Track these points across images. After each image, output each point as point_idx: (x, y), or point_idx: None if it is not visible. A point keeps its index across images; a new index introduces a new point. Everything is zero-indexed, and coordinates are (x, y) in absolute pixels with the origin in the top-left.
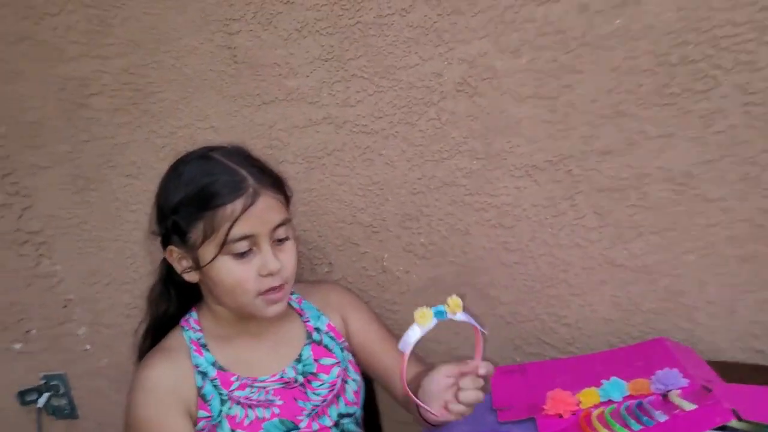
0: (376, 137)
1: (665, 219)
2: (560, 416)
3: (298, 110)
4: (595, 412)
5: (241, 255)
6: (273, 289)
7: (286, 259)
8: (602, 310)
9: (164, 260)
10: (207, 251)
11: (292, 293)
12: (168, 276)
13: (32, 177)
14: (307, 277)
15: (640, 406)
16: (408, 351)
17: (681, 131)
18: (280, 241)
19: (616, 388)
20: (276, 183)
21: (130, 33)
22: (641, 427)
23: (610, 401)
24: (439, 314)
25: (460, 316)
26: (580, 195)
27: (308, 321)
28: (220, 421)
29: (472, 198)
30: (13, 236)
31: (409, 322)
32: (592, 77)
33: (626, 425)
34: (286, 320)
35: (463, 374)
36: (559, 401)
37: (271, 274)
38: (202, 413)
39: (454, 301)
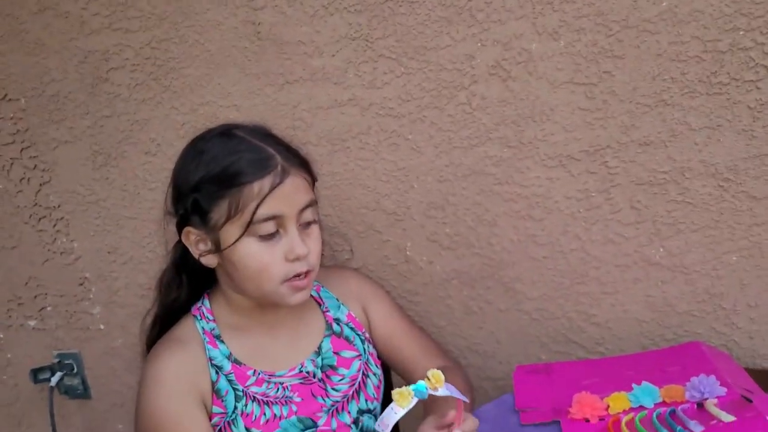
0: (403, 121)
1: (707, 216)
2: (587, 421)
3: (323, 91)
4: (625, 419)
5: (267, 237)
6: (299, 276)
7: (313, 244)
8: (635, 310)
9: (178, 243)
10: (230, 232)
11: None
12: (181, 260)
13: (52, 152)
14: (327, 264)
15: (673, 414)
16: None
17: (728, 123)
18: (307, 224)
19: (648, 394)
20: (303, 163)
21: (153, 6)
22: None
23: (641, 407)
24: (419, 393)
25: (442, 390)
26: (617, 188)
27: (328, 311)
28: (234, 419)
29: (501, 188)
30: (31, 211)
31: (430, 314)
32: (634, 63)
33: None
34: (304, 310)
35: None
36: (586, 405)
37: (298, 259)
38: (216, 409)
39: (435, 375)
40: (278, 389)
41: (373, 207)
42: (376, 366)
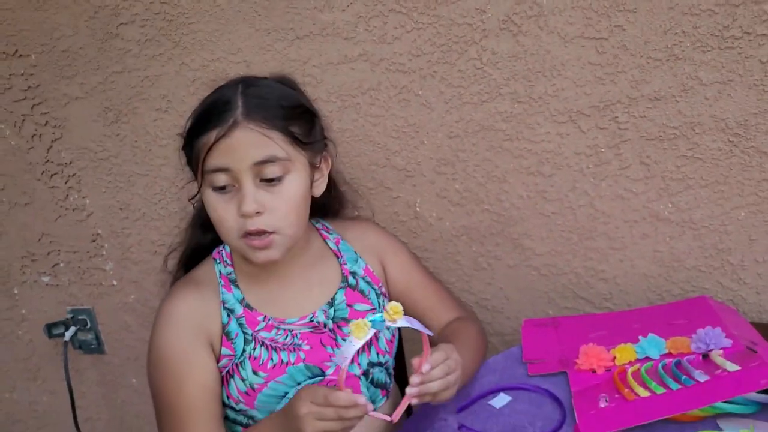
0: (413, 76)
1: (716, 172)
2: (593, 371)
3: (333, 46)
4: (631, 369)
5: (219, 189)
6: (253, 235)
7: (275, 202)
8: (643, 265)
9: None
10: (198, 181)
11: (329, 232)
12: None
13: (63, 108)
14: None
15: (678, 364)
16: (345, 365)
17: (739, 78)
18: (270, 181)
19: (654, 345)
20: (278, 114)
21: None
22: (680, 386)
23: (647, 358)
24: (376, 324)
25: (401, 322)
26: (626, 144)
27: (345, 264)
28: (242, 361)
29: (511, 144)
30: (43, 167)
31: (439, 270)
32: (646, 17)
33: (664, 384)
34: (320, 261)
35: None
36: (592, 356)
37: (244, 216)
38: (225, 351)
39: (393, 307)
40: (287, 336)
41: (383, 163)
42: None
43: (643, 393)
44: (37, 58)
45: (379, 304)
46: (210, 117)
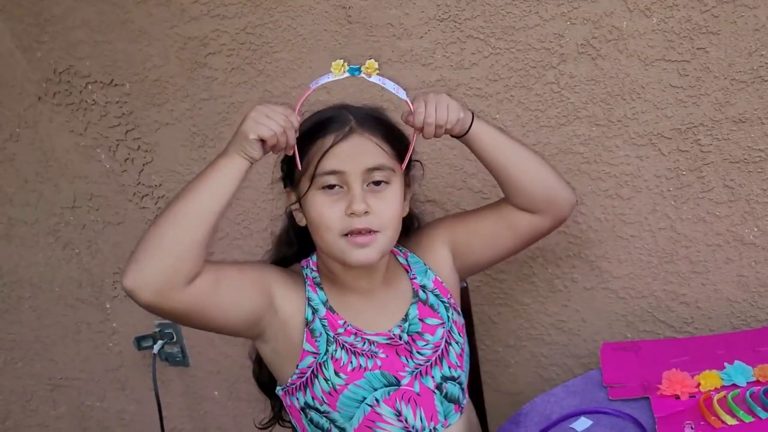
0: (491, 101)
1: None
2: (677, 397)
3: (411, 72)
4: (717, 396)
5: (329, 189)
6: (359, 233)
7: (381, 206)
8: (726, 290)
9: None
10: (303, 186)
11: (398, 247)
12: (291, 222)
13: (154, 133)
14: None
15: (767, 392)
16: (313, 87)
17: None
18: (377, 184)
19: (741, 373)
20: (384, 130)
21: None
22: None
23: (734, 386)
24: (351, 70)
25: (375, 78)
26: (709, 166)
27: (415, 278)
28: (325, 361)
29: (589, 166)
30: (134, 189)
31: (515, 291)
32: (731, 38)
33: (752, 412)
34: (395, 278)
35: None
36: (676, 382)
37: (354, 214)
38: (309, 347)
39: (370, 64)
40: (365, 343)
41: (460, 186)
42: (459, 335)
43: (731, 421)
44: (131, 86)
45: (448, 317)
46: (327, 124)
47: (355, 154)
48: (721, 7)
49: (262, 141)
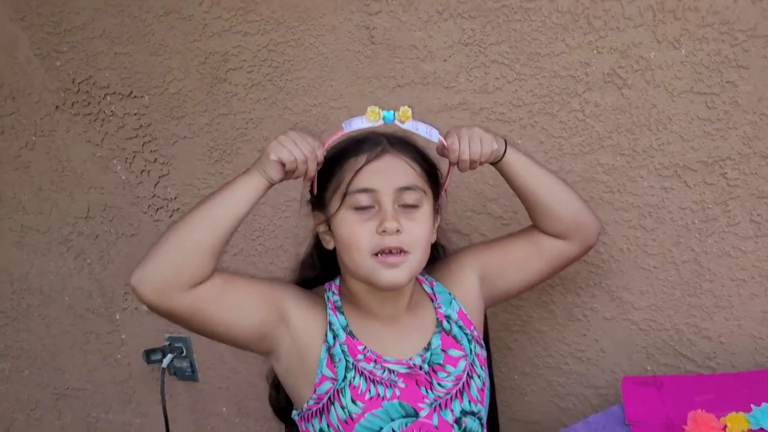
0: (513, 126)
1: None
2: None
3: (434, 95)
4: None
5: (361, 209)
6: (390, 252)
7: (412, 226)
8: (750, 325)
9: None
10: (333, 205)
11: (423, 275)
12: (316, 246)
13: (171, 146)
14: None
15: None
16: (346, 129)
17: None
18: (409, 206)
19: None
20: (415, 152)
21: (272, 10)
22: None
23: (762, 430)
24: (386, 118)
25: (408, 125)
26: (735, 200)
27: (440, 307)
28: (343, 388)
29: (612, 196)
30: (149, 201)
31: (533, 318)
32: (761, 73)
33: None
34: (419, 306)
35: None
36: (702, 424)
37: (386, 232)
38: (328, 373)
39: (404, 111)
40: (384, 371)
41: (480, 210)
42: (482, 368)
43: None
44: (150, 99)
45: (470, 350)
46: (360, 144)
47: (387, 172)
48: (751, 42)
49: (283, 164)
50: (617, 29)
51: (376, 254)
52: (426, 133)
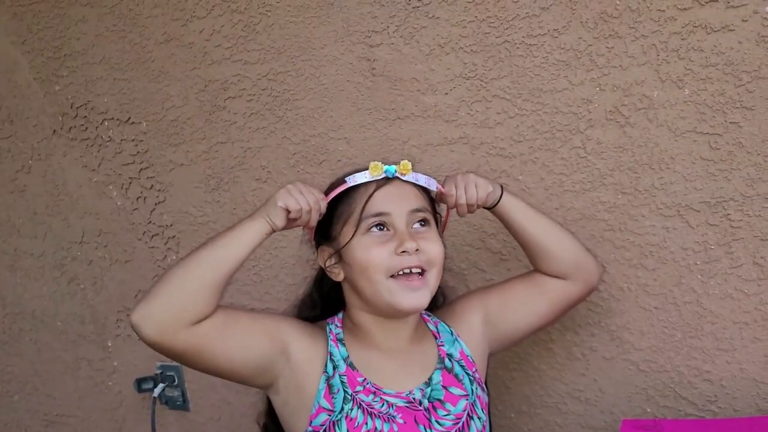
0: (514, 161)
1: None
2: None
3: (434, 128)
4: None
5: (377, 233)
6: (410, 275)
7: (427, 244)
8: (753, 370)
9: (319, 269)
10: (345, 234)
11: (429, 315)
12: (318, 282)
13: (168, 173)
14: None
15: None
16: (350, 183)
17: None
18: (421, 226)
19: None
20: (418, 185)
21: (273, 40)
22: None
23: None
24: (387, 171)
25: (409, 177)
26: (739, 242)
27: (442, 345)
28: (339, 420)
29: (613, 234)
30: (145, 228)
31: (530, 356)
32: (765, 114)
33: None
34: (422, 340)
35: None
36: None
37: (406, 252)
38: (325, 404)
39: (404, 164)
40: (383, 404)
41: (478, 245)
42: (482, 411)
43: None
44: (148, 125)
45: (472, 390)
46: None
47: (398, 196)
48: (756, 83)
49: (288, 212)
50: (620, 67)
51: (393, 276)
52: (425, 183)
